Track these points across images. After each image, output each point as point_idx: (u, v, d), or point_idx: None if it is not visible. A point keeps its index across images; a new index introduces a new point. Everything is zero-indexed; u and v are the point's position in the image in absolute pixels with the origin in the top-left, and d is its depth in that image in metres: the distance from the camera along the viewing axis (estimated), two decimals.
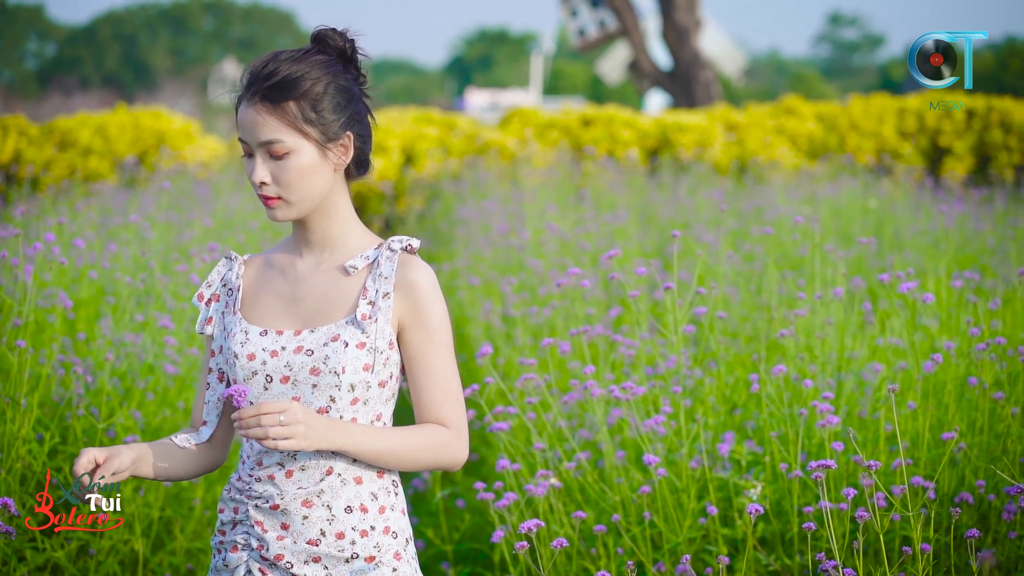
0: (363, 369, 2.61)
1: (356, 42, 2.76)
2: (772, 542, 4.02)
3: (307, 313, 2.67)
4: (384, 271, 2.65)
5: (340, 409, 2.61)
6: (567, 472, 4.01)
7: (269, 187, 2.63)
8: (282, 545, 2.60)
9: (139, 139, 15.05)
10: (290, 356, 2.62)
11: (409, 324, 2.65)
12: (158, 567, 4.45)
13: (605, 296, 6.53)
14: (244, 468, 2.68)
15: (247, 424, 2.48)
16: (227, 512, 2.69)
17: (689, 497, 3.87)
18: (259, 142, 2.62)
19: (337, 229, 2.71)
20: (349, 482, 2.63)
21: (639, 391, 3.83)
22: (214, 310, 2.77)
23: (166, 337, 4.56)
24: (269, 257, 2.79)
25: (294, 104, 2.62)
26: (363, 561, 2.62)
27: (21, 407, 4.02)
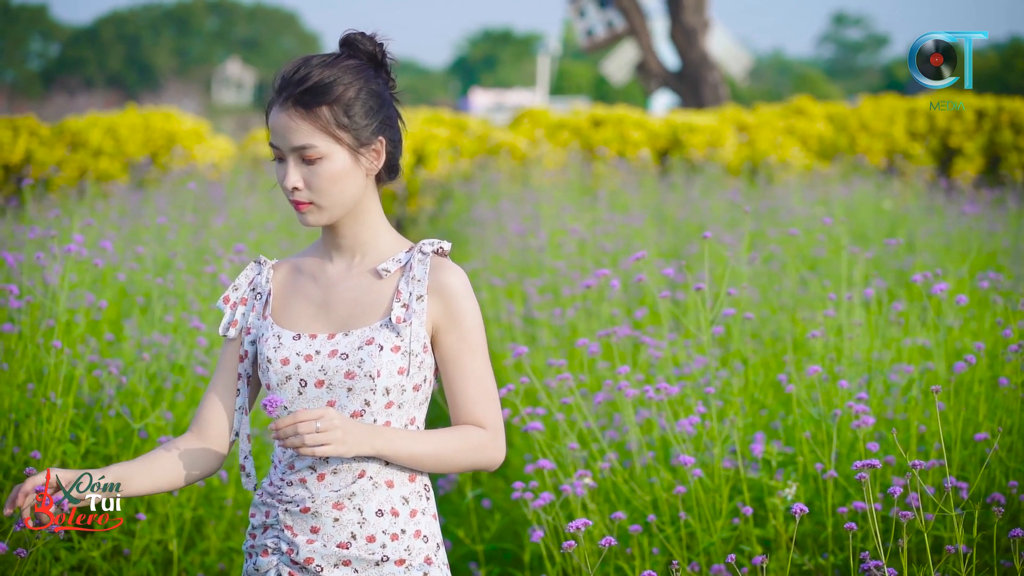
0: (398, 372, 2.61)
1: (386, 46, 2.74)
2: (803, 542, 4.04)
3: (340, 317, 2.66)
4: (417, 274, 2.65)
5: (375, 413, 2.61)
6: (604, 472, 4.03)
7: (301, 192, 2.62)
8: (311, 548, 2.60)
9: (150, 140, 15.08)
10: (324, 360, 2.62)
11: (443, 326, 2.66)
12: (190, 567, 4.47)
13: (625, 297, 6.55)
14: (276, 472, 2.67)
15: (284, 433, 2.47)
16: (258, 516, 2.69)
17: (722, 497, 3.89)
18: (291, 147, 2.62)
19: (368, 233, 2.70)
20: (381, 485, 2.62)
21: (673, 391, 3.85)
22: (240, 314, 2.77)
23: (198, 338, 4.57)
24: (298, 262, 2.78)
25: (327, 109, 2.62)
26: (393, 564, 2.61)
27: (57, 407, 4.04)
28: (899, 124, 15.66)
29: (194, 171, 12.94)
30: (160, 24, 72.38)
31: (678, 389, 3.92)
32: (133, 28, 70.84)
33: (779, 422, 4.56)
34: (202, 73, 67.23)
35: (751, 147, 15.03)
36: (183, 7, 73.80)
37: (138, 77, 66.62)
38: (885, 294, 6.35)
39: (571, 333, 6.05)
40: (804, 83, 54.88)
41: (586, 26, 23.21)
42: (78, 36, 71.03)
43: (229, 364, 2.77)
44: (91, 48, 69.26)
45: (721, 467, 3.96)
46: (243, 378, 2.75)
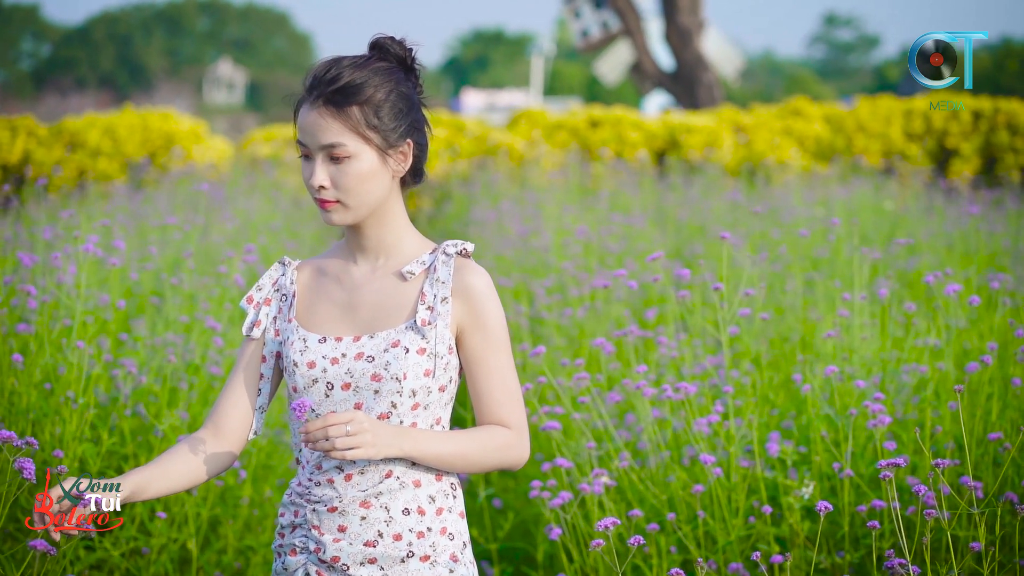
0: (424, 375, 2.63)
1: (415, 52, 2.76)
2: (818, 541, 4.07)
3: (365, 319, 2.68)
4: (441, 275, 2.66)
5: (401, 414, 2.63)
6: (620, 471, 4.05)
7: (328, 191, 2.64)
8: (338, 547, 2.61)
9: (148, 140, 15.07)
10: (351, 363, 2.63)
11: (468, 327, 2.67)
12: (206, 565, 4.49)
13: (631, 297, 6.58)
14: (304, 473, 2.69)
15: (314, 436, 2.49)
16: (287, 516, 2.70)
17: (739, 496, 3.92)
18: (320, 145, 2.63)
19: (392, 235, 2.72)
20: (408, 485, 2.64)
21: (691, 390, 3.88)
22: (264, 314, 2.78)
23: (214, 338, 4.59)
24: (321, 263, 2.80)
25: (357, 109, 2.63)
26: (418, 560, 2.62)
27: (75, 407, 4.05)
28: (896, 125, 15.71)
29: (193, 172, 12.94)
30: (151, 24, 72.31)
31: (695, 388, 3.95)
32: (124, 28, 70.76)
33: (791, 422, 4.59)
34: (193, 73, 67.18)
35: (748, 148, 15.07)
36: (174, 7, 73.74)
37: (129, 77, 66.54)
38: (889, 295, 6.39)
39: (579, 333, 6.08)
40: (795, 84, 54.97)
41: (581, 27, 23.23)
42: (69, 36, 70.93)
43: (249, 363, 2.78)
44: (83, 48, 69.17)
45: (739, 466, 3.99)
46: (265, 378, 2.77)
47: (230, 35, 75.23)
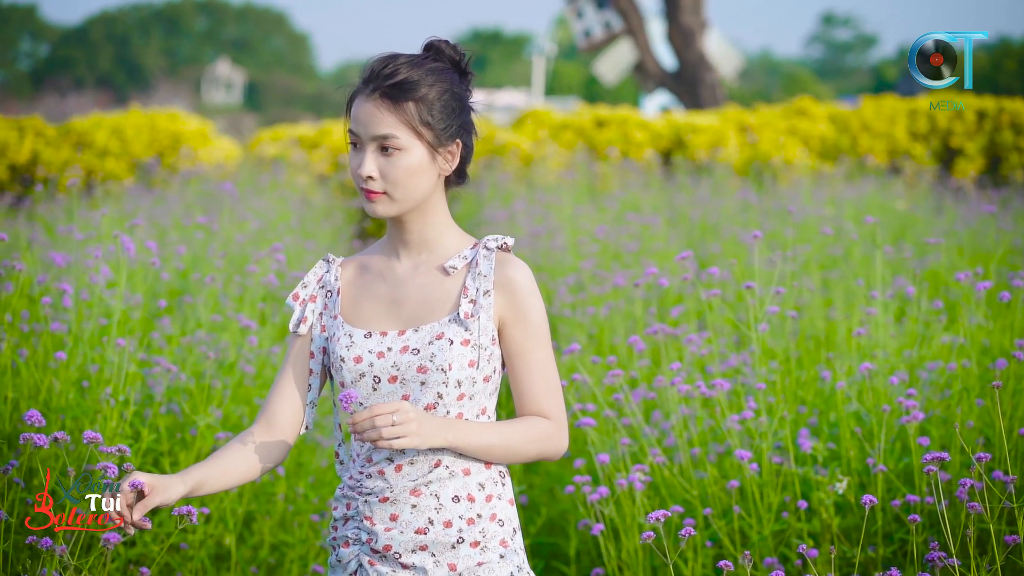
0: (468, 365, 2.69)
1: (469, 57, 2.83)
2: (849, 535, 4.12)
3: (409, 314, 2.74)
4: (483, 269, 2.72)
5: (447, 405, 2.69)
6: (655, 466, 4.10)
7: (376, 181, 2.69)
8: (390, 536, 2.66)
9: (155, 140, 15.11)
10: (397, 356, 2.69)
11: (509, 320, 2.73)
12: (241, 560, 4.53)
13: (647, 296, 6.62)
14: (355, 466, 2.75)
15: (361, 427, 2.55)
16: (339, 509, 2.76)
17: (774, 491, 3.97)
18: (373, 136, 2.69)
19: (434, 231, 2.77)
20: (457, 474, 2.70)
21: (725, 387, 3.93)
22: (310, 311, 2.84)
23: (249, 337, 4.64)
24: (365, 260, 2.86)
25: (413, 105, 2.69)
26: (468, 546, 2.68)
27: (112, 404, 4.09)
28: (900, 125, 15.77)
29: (201, 172, 12.98)
30: (149, 24, 72.26)
31: (729, 385, 4.00)
32: (122, 28, 70.71)
33: (816, 418, 4.64)
34: (192, 73, 67.16)
35: (753, 147, 15.12)
36: (172, 7, 73.69)
37: (128, 77, 66.51)
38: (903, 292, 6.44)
39: (599, 331, 6.13)
40: (793, 83, 55.00)
41: (584, 27, 23.28)
42: (67, 36, 70.89)
43: (297, 359, 2.85)
44: (81, 48, 69.13)
45: (772, 462, 4.04)
46: (314, 373, 2.83)
47: (228, 35, 75.19)
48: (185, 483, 2.63)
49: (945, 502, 3.76)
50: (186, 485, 2.63)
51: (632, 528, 3.98)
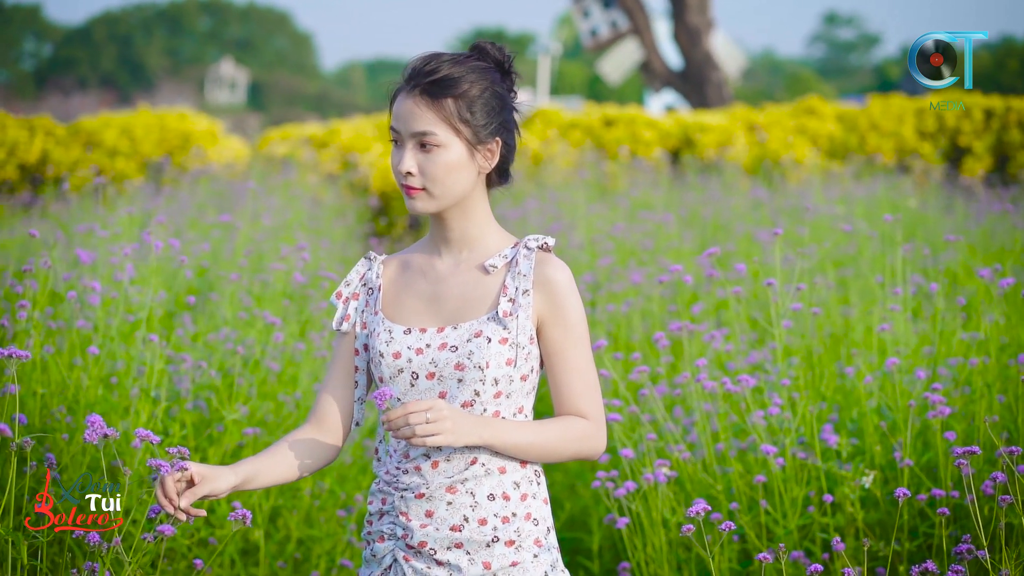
0: (506, 364, 2.70)
1: (513, 58, 2.85)
2: (873, 530, 4.16)
3: (449, 311, 2.76)
4: (522, 269, 2.74)
5: (484, 402, 2.70)
6: (680, 461, 4.14)
7: (415, 178, 2.72)
8: (425, 532, 2.68)
9: (164, 140, 15.16)
10: (435, 353, 2.71)
11: (548, 320, 2.74)
12: (267, 555, 4.57)
13: (663, 294, 6.66)
14: (391, 462, 2.76)
15: (395, 424, 2.57)
16: (375, 504, 2.77)
17: (799, 486, 4.00)
18: (412, 132, 2.71)
19: (476, 229, 2.79)
20: (493, 472, 2.71)
21: (751, 383, 3.96)
22: (352, 308, 2.87)
23: (275, 334, 4.67)
24: (407, 258, 2.88)
25: (452, 102, 2.71)
26: (503, 545, 2.69)
27: (144, 400, 4.13)
28: (908, 124, 15.80)
29: (211, 171, 13.02)
30: (153, 24, 72.32)
31: (755, 381, 4.03)
32: (126, 28, 70.78)
33: (836, 414, 4.67)
34: (195, 73, 67.22)
35: (762, 146, 15.16)
36: (175, 7, 73.76)
37: (131, 77, 66.58)
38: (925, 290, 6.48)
39: (615, 328, 6.16)
40: (796, 83, 55.02)
41: (590, 26, 23.31)
42: (71, 36, 70.97)
43: (343, 357, 2.88)
44: (84, 48, 69.20)
45: (796, 458, 4.07)
46: (360, 370, 2.85)
47: (231, 35, 75.25)
48: (236, 474, 2.67)
49: (970, 496, 3.80)
50: (237, 476, 2.67)
51: (657, 523, 4.02)
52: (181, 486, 2.60)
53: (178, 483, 2.61)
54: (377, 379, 2.79)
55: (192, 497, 2.60)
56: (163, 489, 2.59)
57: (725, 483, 4.27)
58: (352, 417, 2.88)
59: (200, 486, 2.60)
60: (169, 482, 2.59)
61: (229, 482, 2.65)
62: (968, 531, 3.95)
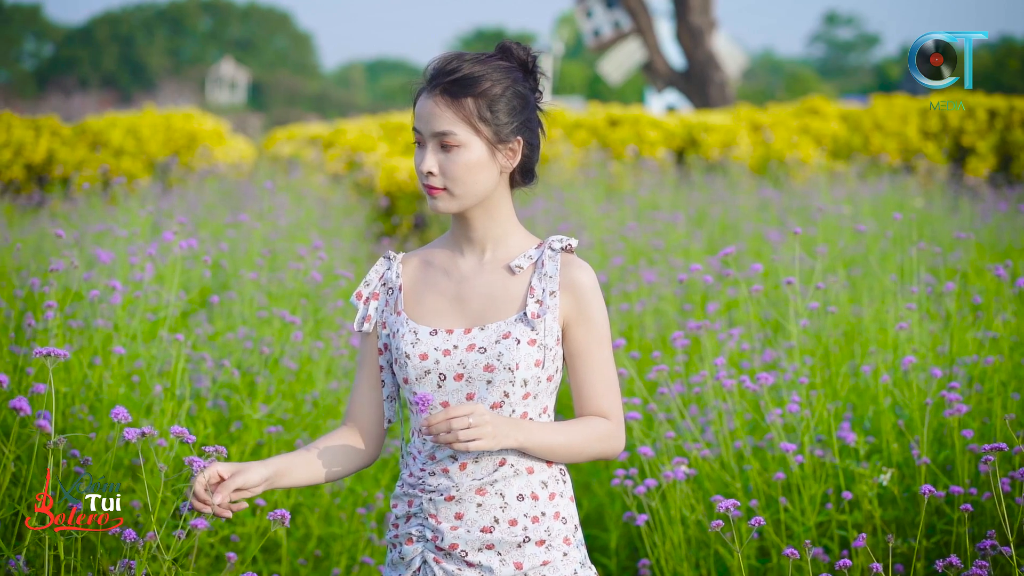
0: (534, 365, 2.71)
1: (538, 58, 2.85)
2: (889, 527, 4.19)
3: (474, 312, 2.75)
4: (549, 270, 2.74)
5: (513, 404, 2.71)
6: (699, 459, 4.17)
7: (436, 177, 2.72)
8: (456, 535, 2.68)
9: (170, 140, 15.19)
10: (463, 354, 2.71)
11: (574, 321, 2.75)
12: (288, 552, 4.60)
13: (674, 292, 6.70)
14: (415, 464, 2.76)
15: (437, 429, 2.56)
16: (401, 507, 2.77)
17: (818, 483, 4.04)
18: (432, 132, 2.71)
19: (499, 229, 2.79)
20: (521, 472, 2.71)
21: (770, 381, 3.99)
22: (373, 308, 2.86)
23: (295, 333, 4.71)
24: (427, 255, 2.87)
25: (471, 101, 2.71)
26: (534, 545, 2.69)
27: (169, 398, 4.16)
28: (912, 124, 15.83)
29: (218, 171, 13.05)
30: (153, 24, 72.36)
31: (773, 379, 4.06)
32: (127, 28, 70.83)
33: (850, 412, 4.71)
34: (196, 73, 67.24)
35: (767, 146, 15.19)
36: (176, 7, 73.79)
37: (132, 77, 66.61)
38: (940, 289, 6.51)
39: (627, 328, 6.20)
40: (796, 83, 55.06)
41: (593, 26, 23.34)
42: (72, 36, 71.03)
43: (370, 358, 2.87)
44: (85, 48, 69.25)
45: (814, 455, 4.11)
46: (386, 369, 2.85)
47: (232, 35, 75.29)
48: (267, 467, 2.68)
49: (987, 494, 3.84)
50: (268, 468, 2.68)
51: (676, 520, 4.05)
52: (212, 486, 2.62)
53: (210, 484, 2.62)
54: (401, 380, 2.78)
55: (226, 491, 2.61)
56: (196, 496, 2.61)
57: (743, 481, 4.30)
58: (385, 416, 2.89)
59: (232, 479, 2.62)
60: (199, 488, 2.61)
61: (260, 474, 2.66)
62: (984, 529, 3.98)
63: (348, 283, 5.38)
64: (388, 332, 2.82)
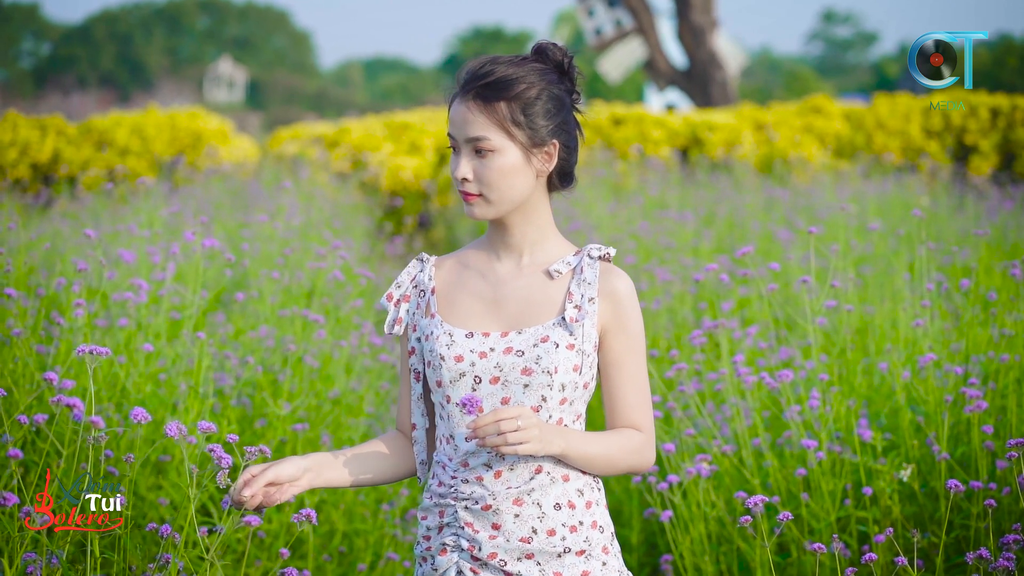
0: (572, 370, 2.67)
1: (574, 58, 2.81)
2: (910, 522, 4.25)
3: (510, 315, 2.72)
4: (588, 277, 2.71)
5: (550, 409, 2.67)
6: (720, 456, 4.23)
7: (471, 183, 2.68)
8: (495, 544, 2.64)
9: (175, 139, 15.25)
10: (500, 357, 2.67)
11: (611, 329, 2.71)
12: (312, 549, 4.65)
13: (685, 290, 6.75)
14: (446, 472, 2.72)
15: (485, 431, 2.51)
16: (431, 518, 2.72)
17: (838, 479, 4.09)
18: (466, 138, 2.68)
19: (537, 233, 2.75)
20: (557, 480, 2.67)
21: (789, 377, 4.05)
22: (404, 311, 2.82)
23: (318, 331, 4.76)
24: (463, 257, 2.83)
25: (504, 105, 2.67)
26: (574, 555, 2.66)
27: (195, 397, 4.21)
28: (915, 123, 15.90)
29: (224, 170, 13.10)
30: (151, 23, 72.39)
31: (791, 375, 4.11)
32: (125, 27, 70.85)
33: (866, 409, 4.76)
34: (194, 72, 67.28)
35: (770, 145, 15.25)
36: (174, 6, 73.83)
37: (130, 76, 66.63)
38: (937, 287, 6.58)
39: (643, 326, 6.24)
40: (794, 81, 55.12)
41: (595, 25, 23.40)
42: (70, 35, 71.02)
43: (408, 362, 2.82)
44: (83, 47, 69.26)
45: (832, 452, 4.16)
46: (412, 372, 2.81)
47: (230, 33, 75.33)
48: (305, 459, 2.66)
49: (1006, 489, 3.89)
50: (305, 460, 2.65)
51: (698, 517, 4.10)
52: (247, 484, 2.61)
53: (246, 484, 2.62)
54: (434, 384, 2.74)
55: (256, 485, 2.59)
56: (235, 494, 2.61)
57: (762, 477, 4.36)
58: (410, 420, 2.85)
59: (263, 474, 2.60)
60: (239, 485, 2.60)
61: (296, 464, 2.64)
62: (1001, 524, 4.04)
63: (368, 282, 5.43)
64: (418, 335, 2.79)
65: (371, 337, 5.34)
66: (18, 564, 2.75)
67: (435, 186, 14.71)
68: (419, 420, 2.81)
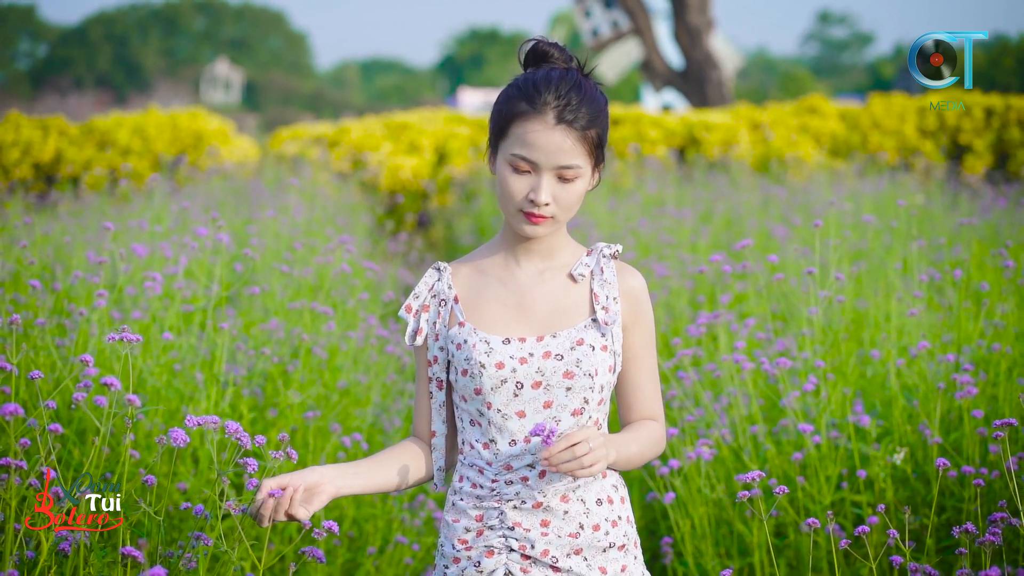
0: (608, 371, 2.72)
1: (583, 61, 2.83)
2: (903, 505, 4.38)
3: (540, 320, 2.73)
4: (607, 277, 2.76)
5: (591, 410, 2.71)
6: (720, 440, 4.37)
7: (549, 207, 2.66)
8: (547, 541, 2.67)
9: (177, 139, 15.36)
10: (540, 361, 2.68)
11: (630, 326, 2.77)
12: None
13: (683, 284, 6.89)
14: (484, 476, 2.72)
15: (559, 459, 2.49)
16: (465, 520, 2.72)
17: (834, 463, 4.23)
18: (558, 165, 2.64)
19: (560, 239, 2.78)
20: (597, 476, 2.72)
21: (787, 365, 4.18)
22: (424, 321, 2.80)
23: (328, 324, 4.88)
24: (478, 264, 2.83)
25: (594, 133, 2.68)
26: (616, 550, 2.73)
27: (217, 387, 4.34)
28: (910, 122, 16.03)
29: (226, 170, 13.22)
30: (148, 24, 72.53)
31: (790, 364, 4.25)
32: (121, 28, 70.97)
33: (860, 399, 4.90)
34: (190, 73, 67.39)
35: (767, 144, 15.39)
36: (171, 7, 73.94)
37: (126, 77, 66.74)
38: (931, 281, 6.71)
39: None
40: (790, 81, 55.27)
41: (592, 26, 23.54)
42: (66, 36, 71.13)
43: (426, 372, 2.83)
44: (79, 48, 69.36)
45: (828, 437, 4.30)
46: (434, 381, 2.80)
47: (226, 35, 75.47)
48: (327, 468, 2.63)
49: (995, 473, 4.03)
50: (326, 469, 2.63)
51: (698, 499, 4.24)
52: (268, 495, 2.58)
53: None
54: (471, 392, 2.72)
55: (271, 485, 2.56)
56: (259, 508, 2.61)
57: (759, 463, 4.49)
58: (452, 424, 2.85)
59: (279, 478, 2.58)
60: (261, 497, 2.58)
61: (320, 473, 2.61)
62: (992, 507, 4.18)
63: (374, 275, 5.56)
64: (441, 344, 2.78)
65: (378, 330, 5.47)
66: (52, 539, 2.86)
67: (434, 185, 14.85)
68: (439, 427, 2.81)
